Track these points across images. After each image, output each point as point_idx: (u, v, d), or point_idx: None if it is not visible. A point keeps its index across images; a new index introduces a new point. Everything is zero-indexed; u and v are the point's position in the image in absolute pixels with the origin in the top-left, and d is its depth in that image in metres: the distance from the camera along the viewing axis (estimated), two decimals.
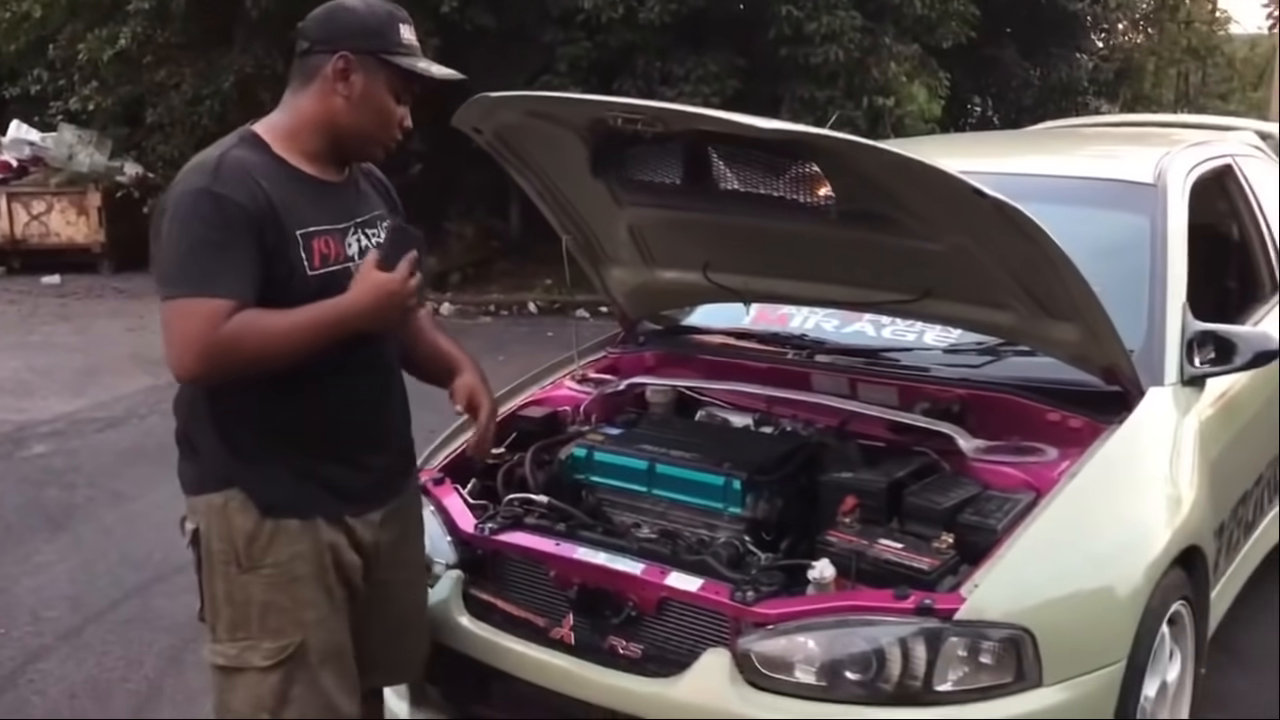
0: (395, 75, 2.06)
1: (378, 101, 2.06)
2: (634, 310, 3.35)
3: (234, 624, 2.05)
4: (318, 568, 2.06)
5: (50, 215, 11.54)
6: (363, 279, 1.99)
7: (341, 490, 2.10)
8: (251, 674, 2.04)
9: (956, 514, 2.28)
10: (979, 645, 2.05)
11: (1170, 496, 2.52)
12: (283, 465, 2.04)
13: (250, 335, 1.91)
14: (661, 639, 2.29)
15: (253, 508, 2.02)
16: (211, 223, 1.91)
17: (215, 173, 1.95)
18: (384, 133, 2.10)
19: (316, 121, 2.06)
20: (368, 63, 2.04)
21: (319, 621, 2.06)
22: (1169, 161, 3.25)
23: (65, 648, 3.59)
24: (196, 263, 1.91)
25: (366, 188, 2.22)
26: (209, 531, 2.05)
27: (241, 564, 2.03)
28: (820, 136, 2.19)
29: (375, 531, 2.17)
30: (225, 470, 2.04)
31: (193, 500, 2.09)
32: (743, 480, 2.44)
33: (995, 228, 2.24)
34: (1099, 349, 2.49)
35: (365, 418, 2.12)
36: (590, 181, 2.74)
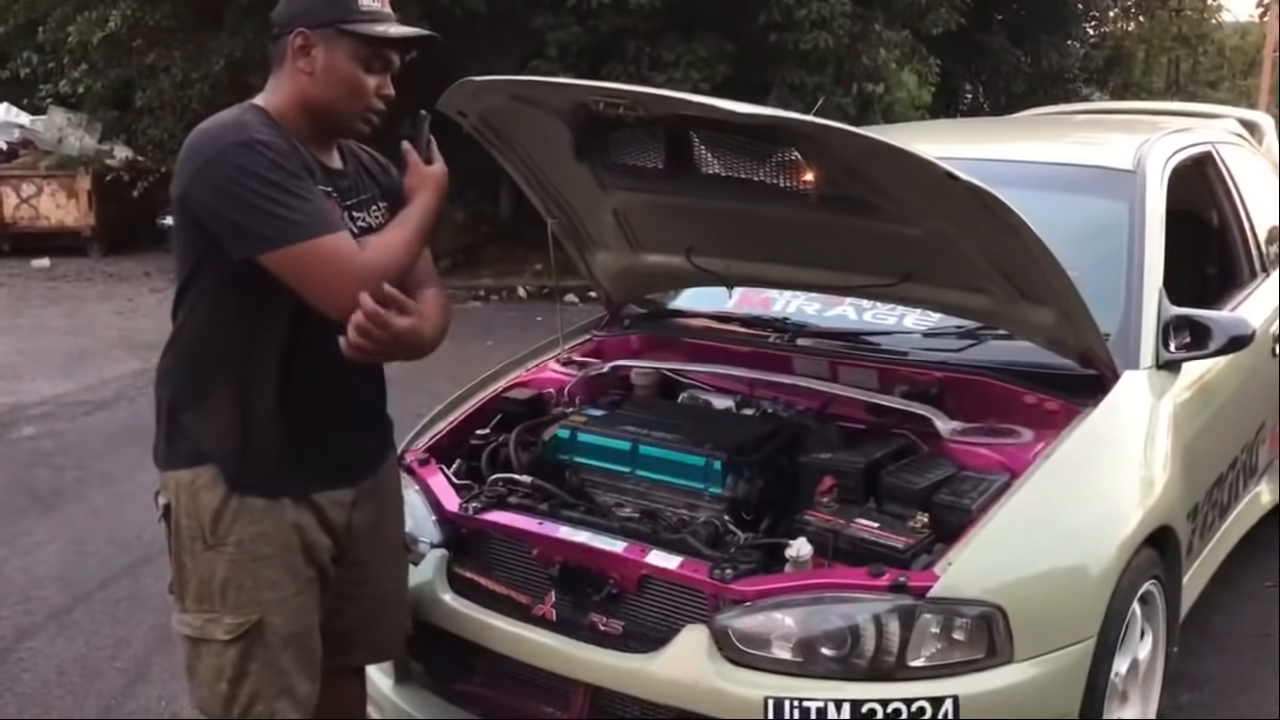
0: (358, 44, 2.04)
1: (342, 73, 2.04)
2: (619, 294, 3.38)
3: (199, 597, 2.08)
4: (282, 547, 2.07)
5: (40, 198, 11.53)
6: (426, 177, 2.13)
7: (310, 470, 2.10)
8: (214, 645, 2.07)
9: (932, 494, 2.32)
10: (952, 622, 2.10)
11: (1143, 478, 2.56)
12: (253, 443, 2.05)
13: (387, 253, 2.01)
14: (641, 616, 2.33)
15: (220, 484, 2.03)
16: (277, 166, 1.92)
17: (245, 127, 1.95)
18: (357, 104, 2.07)
19: (293, 101, 2.06)
20: (326, 35, 2.03)
21: (280, 601, 2.07)
22: (1148, 148, 3.28)
23: (55, 626, 3.63)
24: (291, 207, 1.91)
25: (358, 170, 2.22)
26: (178, 507, 2.07)
27: (207, 540, 2.05)
28: (797, 121, 2.22)
29: (347, 511, 2.17)
30: (200, 446, 2.05)
31: (164, 475, 2.11)
32: (723, 461, 2.48)
33: (971, 212, 2.27)
34: (1074, 333, 2.53)
35: (337, 397, 2.11)
36: (575, 166, 2.76)
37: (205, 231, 1.96)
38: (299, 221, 1.91)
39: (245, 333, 2.02)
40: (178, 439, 2.08)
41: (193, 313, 2.05)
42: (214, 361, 2.04)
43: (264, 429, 2.05)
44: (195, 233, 1.98)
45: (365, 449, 2.24)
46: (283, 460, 2.06)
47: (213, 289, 2.02)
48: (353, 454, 2.20)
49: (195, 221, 1.97)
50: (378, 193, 2.22)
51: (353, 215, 2.13)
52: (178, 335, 2.09)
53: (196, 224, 1.97)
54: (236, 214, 1.92)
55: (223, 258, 1.96)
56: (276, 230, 1.91)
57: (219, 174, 1.92)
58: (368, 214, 2.16)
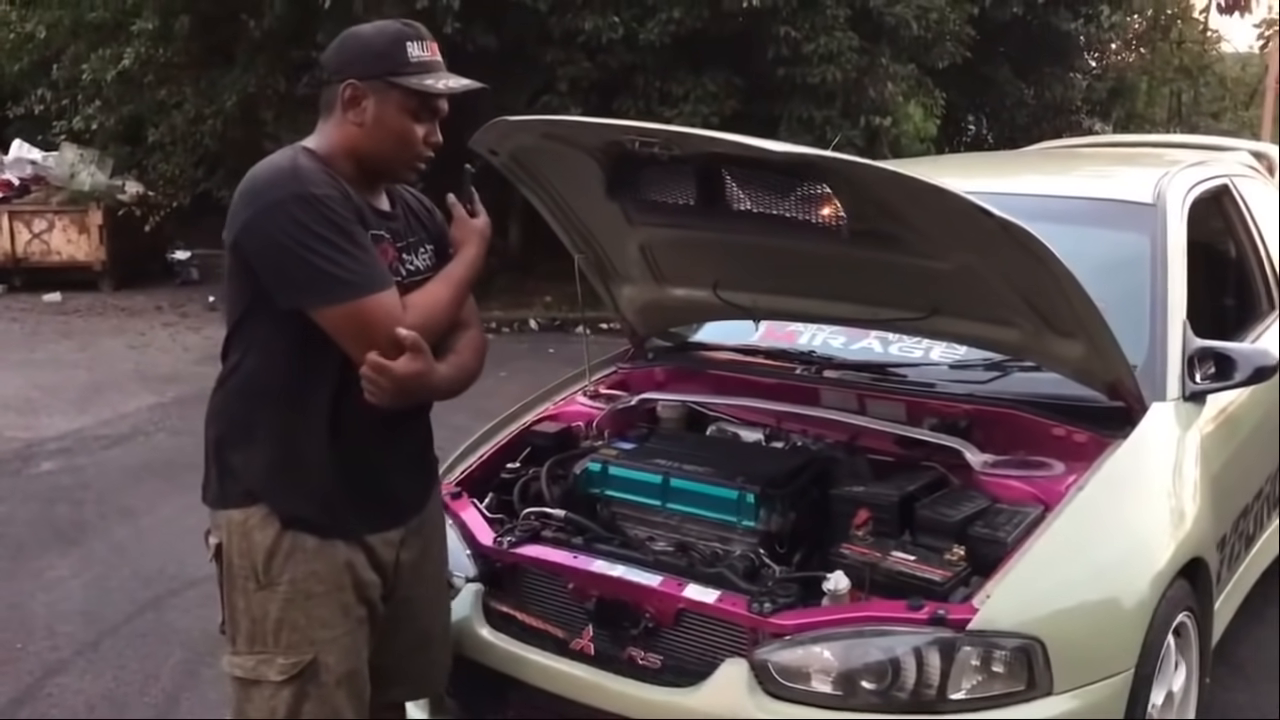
0: (408, 95, 2.07)
1: (392, 124, 2.07)
2: (643, 327, 3.41)
3: (251, 638, 2.09)
4: (334, 586, 2.09)
5: (51, 233, 11.58)
6: (471, 230, 2.23)
7: (362, 509, 2.12)
8: (266, 687, 2.07)
9: (967, 527, 2.34)
10: (991, 654, 2.11)
11: (1174, 510, 2.58)
12: (306, 483, 2.07)
13: (431, 312, 2.08)
14: (679, 650, 2.34)
15: (274, 523, 2.05)
16: (330, 221, 1.95)
17: (298, 178, 1.98)
18: (406, 154, 2.11)
19: (343, 150, 2.09)
20: (376, 87, 2.06)
21: (333, 640, 2.08)
22: (1168, 182, 3.32)
23: (82, 662, 3.63)
24: (341, 265, 1.95)
25: (406, 212, 2.25)
26: (230, 547, 2.09)
27: (259, 580, 2.06)
28: (831, 159, 2.26)
29: (395, 550, 2.19)
30: (251, 485, 2.07)
31: (216, 515, 2.13)
32: (756, 494, 2.50)
33: (1002, 247, 2.30)
34: (1103, 365, 2.55)
35: (386, 437, 2.13)
36: (603, 202, 2.80)
37: (257, 276, 1.99)
38: (346, 280, 1.95)
39: (296, 374, 2.05)
40: (228, 478, 2.10)
41: (244, 354, 2.08)
42: (265, 401, 2.06)
43: (315, 469, 2.07)
44: (248, 277, 2.01)
45: (414, 488, 2.26)
46: (334, 500, 2.08)
47: (264, 331, 2.05)
48: (402, 493, 2.22)
49: (248, 266, 2.00)
50: (424, 235, 2.26)
51: (403, 257, 2.16)
52: (229, 375, 2.11)
53: (249, 269, 2.00)
54: (287, 267, 1.95)
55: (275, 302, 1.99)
56: (325, 287, 1.95)
57: (272, 225, 1.95)
58: (416, 256, 2.20)
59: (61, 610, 4.01)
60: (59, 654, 3.68)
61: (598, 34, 9.18)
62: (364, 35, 2.11)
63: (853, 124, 9.58)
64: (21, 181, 12.05)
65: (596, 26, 9.14)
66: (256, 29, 9.82)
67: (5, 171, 12.11)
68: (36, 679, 3.53)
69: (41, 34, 11.10)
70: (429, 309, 2.08)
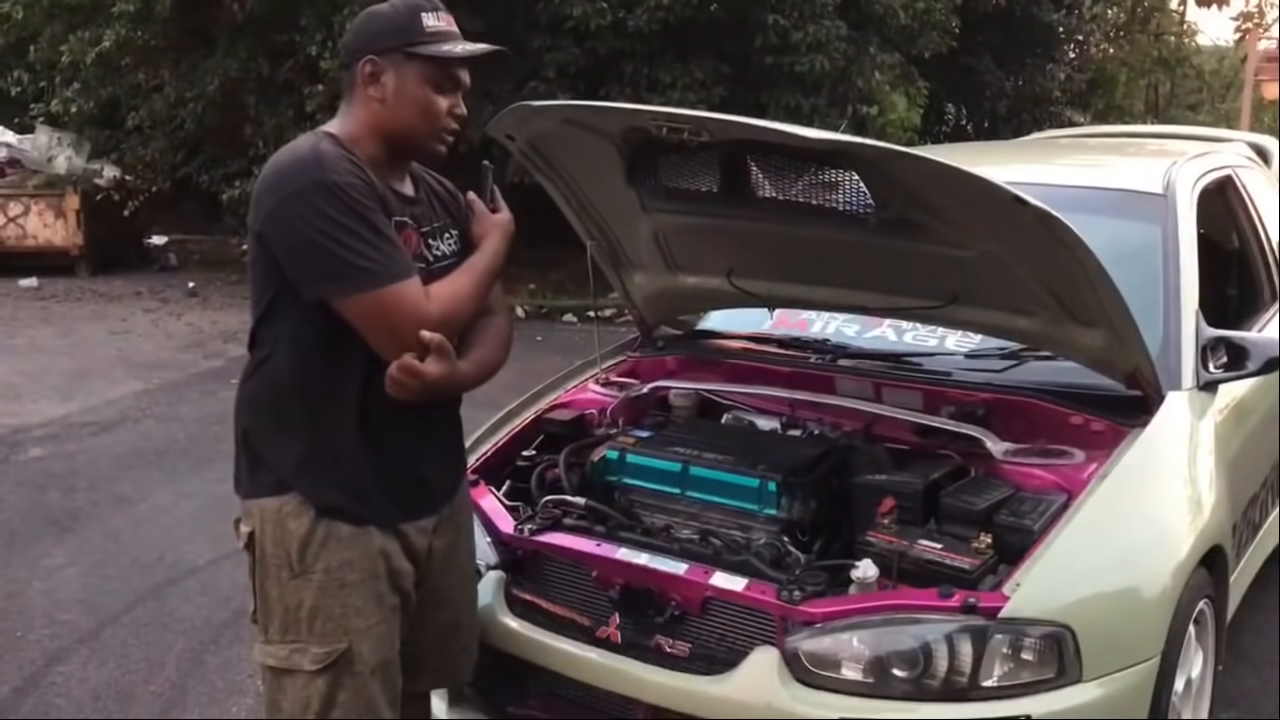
0: (426, 65, 2.05)
1: (414, 95, 2.05)
2: (653, 315, 3.40)
3: (285, 626, 2.07)
4: (368, 574, 2.07)
5: (27, 217, 11.43)
6: (493, 224, 2.21)
7: (396, 497, 2.11)
8: (300, 676, 2.05)
9: (993, 515, 2.34)
10: (1022, 642, 2.12)
11: (1193, 498, 2.60)
12: (340, 470, 2.05)
13: (454, 303, 2.05)
14: (706, 638, 2.34)
15: (308, 511, 2.03)
16: (352, 210, 1.92)
17: (321, 165, 1.95)
18: (430, 125, 2.08)
19: (367, 129, 2.07)
20: (394, 59, 2.04)
21: (367, 629, 2.07)
22: (1176, 172, 3.33)
23: (84, 650, 3.59)
24: (364, 254, 1.92)
25: (434, 202, 2.24)
26: (263, 536, 2.07)
27: (294, 569, 2.04)
28: (869, 147, 2.26)
29: (429, 538, 2.18)
30: (282, 474, 2.05)
31: (248, 504, 2.11)
32: (778, 482, 2.49)
33: (1031, 236, 2.30)
34: (1124, 354, 2.56)
35: (418, 425, 2.11)
36: (618, 188, 2.78)
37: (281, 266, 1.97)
38: (369, 270, 1.93)
39: (326, 362, 2.02)
40: (260, 468, 2.08)
41: (273, 344, 2.05)
42: (295, 390, 2.03)
43: (348, 458, 2.05)
44: (272, 266, 1.99)
45: (446, 475, 2.25)
46: (367, 488, 2.06)
47: (292, 320, 2.02)
48: (434, 481, 2.21)
49: (272, 256, 1.98)
50: (449, 220, 2.24)
51: (429, 243, 2.14)
52: (258, 366, 2.09)
53: (273, 258, 1.98)
54: (309, 257, 1.93)
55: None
56: (347, 277, 1.93)
57: (295, 215, 1.92)
58: (441, 241, 2.19)
59: (60, 598, 3.96)
60: (60, 643, 3.64)
61: (586, 20, 9.14)
62: (380, 12, 2.10)
63: (840, 113, 9.59)
64: None
65: (584, 13, 9.10)
66: (239, 12, 9.72)
67: None
68: (39, 668, 3.49)
69: (19, 15, 10.97)
70: (452, 300, 2.06)
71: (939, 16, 10.48)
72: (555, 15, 9.27)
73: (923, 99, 11.03)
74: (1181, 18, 17.62)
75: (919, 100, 10.94)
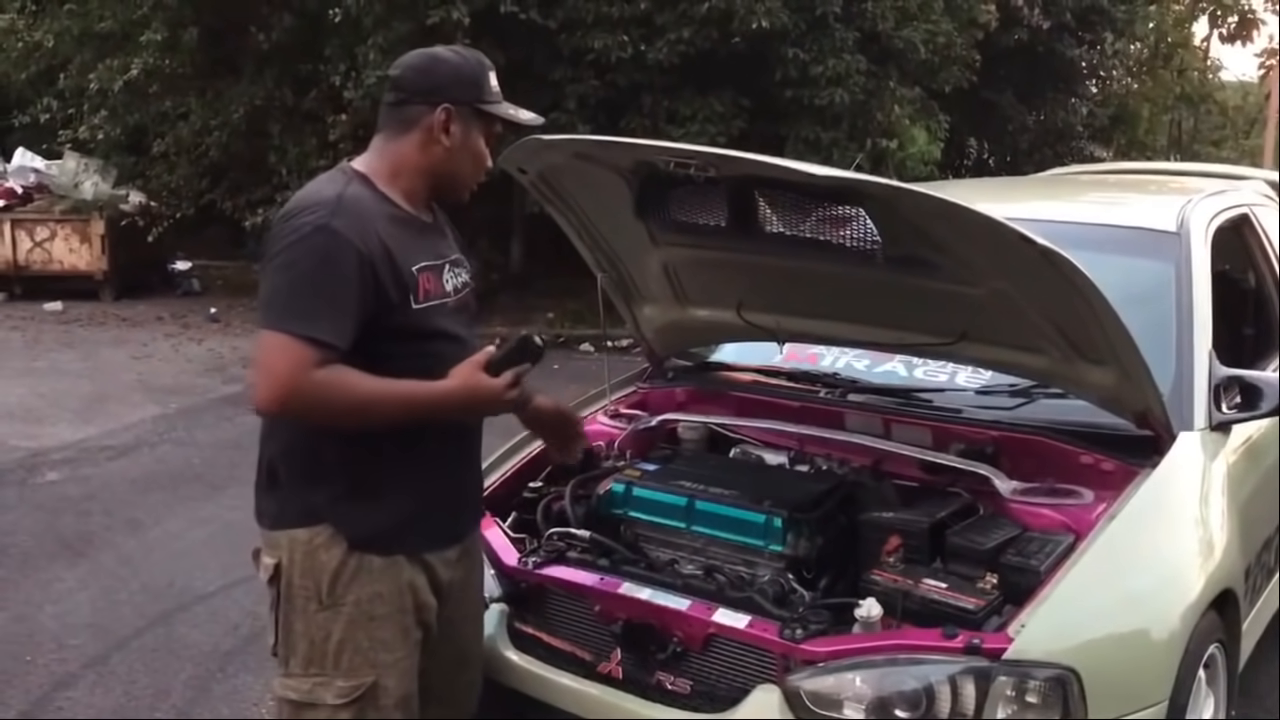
0: (490, 122, 2.17)
1: (474, 148, 2.17)
2: (663, 347, 3.40)
3: (309, 660, 2.06)
4: (397, 608, 2.07)
5: (53, 242, 11.56)
6: (466, 375, 2.03)
7: (427, 528, 2.12)
8: (322, 710, 2.04)
9: (999, 555, 2.32)
10: (1026, 684, 2.09)
11: (1204, 540, 2.57)
12: (376, 504, 2.06)
13: (337, 393, 1.94)
14: (707, 675, 2.32)
15: (340, 543, 2.03)
16: (323, 260, 1.94)
17: (334, 209, 1.98)
18: (478, 174, 2.21)
19: (419, 168, 2.13)
20: (464, 112, 2.13)
21: (394, 663, 2.07)
22: (1191, 209, 3.32)
23: (92, 675, 3.60)
24: (300, 299, 1.94)
25: (447, 228, 2.29)
26: (291, 567, 2.06)
27: (323, 601, 2.04)
28: (875, 184, 2.26)
29: (450, 569, 2.19)
30: (313, 505, 2.05)
31: (274, 535, 2.09)
32: (784, 518, 2.48)
33: (1039, 274, 2.29)
34: (1134, 393, 2.54)
35: (452, 460, 2.15)
36: (629, 221, 2.80)
37: None
38: (283, 310, 1.94)
39: None
40: (290, 497, 2.08)
41: None
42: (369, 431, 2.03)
43: (384, 489, 2.06)
44: None
45: (470, 506, 2.28)
46: (402, 519, 2.07)
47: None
48: (462, 511, 2.23)
49: None
50: (461, 255, 2.28)
51: (448, 274, 2.18)
52: None
53: None
54: (268, 280, 1.99)
55: None
56: (268, 306, 1.96)
57: (288, 241, 1.97)
58: (464, 270, 2.24)
59: (70, 623, 3.98)
60: (67, 667, 3.65)
61: (606, 53, 9.20)
62: (453, 62, 2.16)
63: (859, 146, 9.61)
64: (24, 190, 12.02)
65: (605, 45, 9.17)
66: (264, 42, 9.84)
67: (8, 179, 12.09)
68: (46, 692, 3.50)
69: (49, 43, 11.13)
70: (341, 391, 1.94)
71: (960, 51, 10.52)
72: (576, 47, 9.34)
73: (943, 133, 11.05)
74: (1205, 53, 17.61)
75: (939, 134, 10.96)
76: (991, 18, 10.89)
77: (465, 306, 2.23)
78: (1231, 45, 15.60)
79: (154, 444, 6.34)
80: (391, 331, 2.02)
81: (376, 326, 2.00)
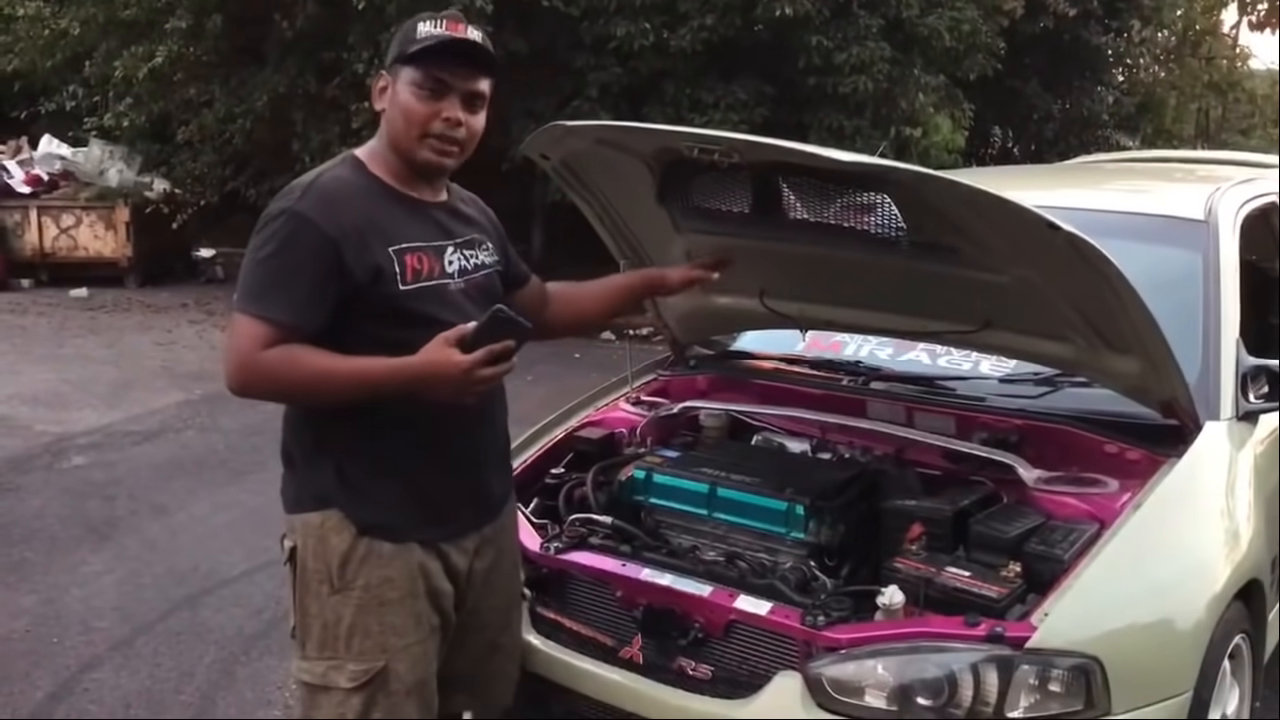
0: (414, 71, 2.03)
1: (400, 102, 2.04)
2: (685, 335, 3.39)
3: (322, 643, 2.06)
4: (408, 593, 2.06)
5: (79, 229, 11.66)
6: (432, 349, 1.93)
7: (438, 516, 2.11)
8: (336, 693, 2.05)
9: (1023, 543, 2.31)
10: (1049, 673, 2.08)
11: (1229, 530, 2.55)
12: (381, 488, 2.05)
13: (287, 369, 1.94)
14: (729, 661, 2.32)
15: (349, 527, 2.03)
16: (283, 242, 1.95)
17: (304, 193, 2.00)
18: (411, 131, 2.04)
19: (384, 142, 2.11)
20: (395, 71, 2.06)
21: (405, 648, 2.06)
22: (1219, 198, 3.28)
23: (118, 658, 3.63)
24: (256, 280, 1.96)
25: (472, 212, 2.26)
26: (304, 550, 2.07)
27: (334, 584, 2.04)
28: (902, 171, 2.24)
29: (469, 558, 2.17)
30: (324, 490, 2.06)
31: (291, 518, 2.11)
32: (805, 505, 2.48)
33: (1065, 261, 2.27)
34: (1160, 382, 2.52)
35: (466, 444, 2.12)
36: (651, 208, 2.79)
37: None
38: (243, 291, 1.97)
39: None
40: (302, 481, 2.09)
41: None
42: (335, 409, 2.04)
43: (387, 476, 2.06)
44: None
45: (488, 495, 2.23)
46: (407, 506, 2.07)
47: (327, 339, 2.01)
48: (476, 500, 2.20)
49: None
50: (485, 232, 2.25)
51: (465, 253, 2.16)
52: None
53: None
54: (241, 270, 2.02)
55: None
56: (238, 289, 1.99)
57: (258, 226, 2.01)
58: (478, 251, 2.20)
59: (96, 606, 4.01)
60: (94, 649, 3.69)
61: (629, 40, 9.20)
62: (402, 27, 2.12)
63: (883, 134, 9.57)
64: (50, 177, 12.13)
65: (628, 33, 9.16)
66: (288, 29, 9.86)
67: (35, 167, 12.19)
68: (73, 674, 3.53)
69: (75, 31, 11.19)
70: (290, 367, 1.94)
71: (985, 39, 10.44)
72: (599, 35, 9.34)
73: (968, 121, 10.99)
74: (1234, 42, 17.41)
75: (964, 122, 10.90)
76: (1017, 5, 10.82)
77: (481, 289, 2.16)
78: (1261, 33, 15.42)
79: (179, 429, 6.38)
80: (376, 312, 2.00)
81: (360, 307, 1.99)
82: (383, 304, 2.01)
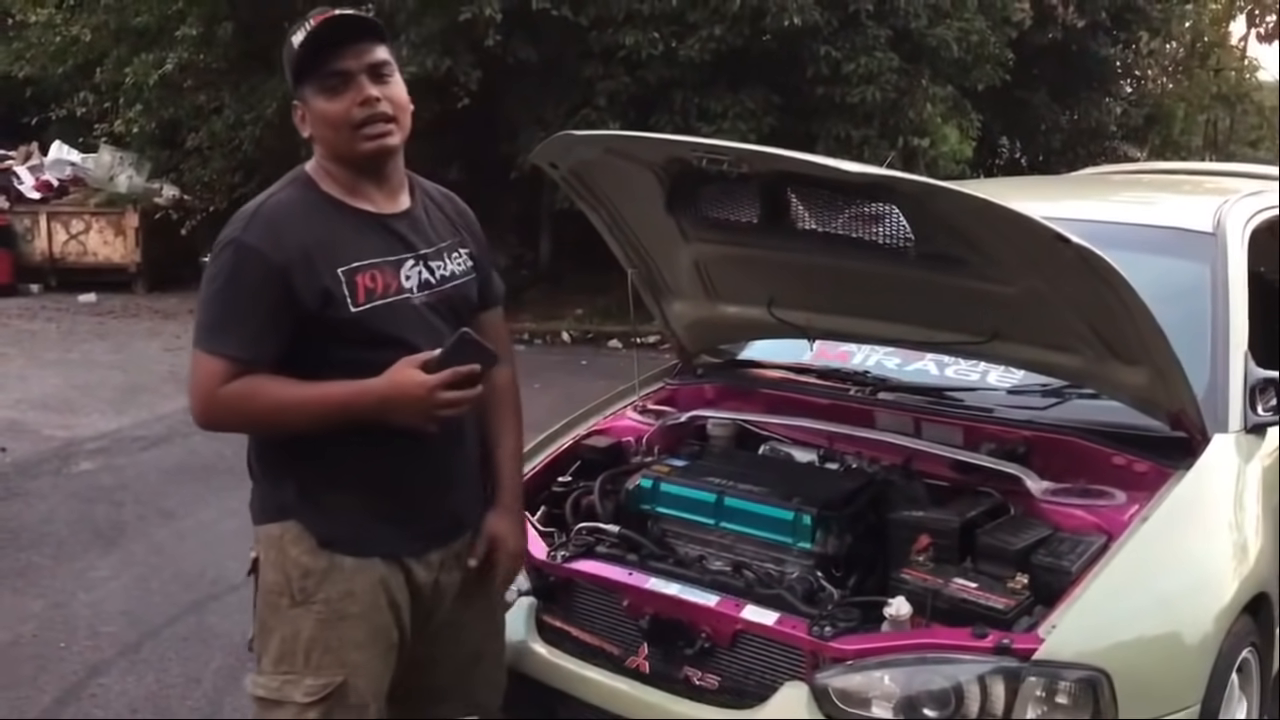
0: (312, 81, 2.01)
1: (317, 114, 2.02)
2: (693, 343, 3.39)
3: (279, 656, 2.02)
4: (370, 607, 2.03)
5: (88, 235, 11.73)
6: (395, 372, 1.94)
7: (402, 531, 2.07)
8: (290, 708, 1.99)
9: (1030, 555, 2.31)
10: (1056, 685, 2.07)
11: (1238, 543, 2.54)
12: (343, 501, 2.03)
13: (248, 403, 1.94)
14: (735, 670, 2.32)
15: (309, 540, 2.01)
16: (230, 275, 1.95)
17: (249, 221, 1.98)
18: (340, 133, 2.01)
19: (320, 162, 2.08)
20: (300, 94, 2.04)
21: (365, 663, 2.03)
22: (1228, 210, 3.28)
23: (124, 663, 3.65)
24: (209, 316, 1.97)
25: (442, 217, 2.20)
26: (266, 562, 2.05)
27: (294, 597, 2.01)
28: (908, 181, 2.25)
29: (435, 572, 2.13)
30: (284, 501, 2.04)
31: (256, 529, 2.10)
32: (813, 515, 2.47)
33: (1073, 273, 2.28)
34: (1168, 394, 2.52)
35: (434, 460, 2.08)
36: (659, 217, 2.80)
37: None
38: (198, 327, 1.97)
39: None
40: (264, 493, 2.09)
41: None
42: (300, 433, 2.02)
43: (347, 490, 2.03)
44: None
45: (454, 510, 2.18)
46: (368, 520, 2.04)
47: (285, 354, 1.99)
48: (444, 515, 2.16)
49: None
50: (456, 239, 2.19)
51: (429, 265, 2.10)
52: None
53: None
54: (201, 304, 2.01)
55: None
56: (198, 330, 1.98)
57: (207, 266, 2.02)
58: (449, 261, 2.15)
59: (103, 610, 4.03)
60: (101, 654, 3.70)
61: (638, 50, 9.21)
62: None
63: (890, 144, 9.57)
64: (60, 183, 12.20)
65: (637, 42, 9.17)
66: None
67: (45, 173, 12.26)
68: (80, 679, 3.54)
69: (86, 37, 11.26)
70: (250, 399, 1.94)
71: (993, 49, 10.45)
72: (608, 44, 9.36)
73: (975, 131, 10.99)
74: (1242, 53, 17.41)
75: (971, 133, 10.91)
76: (1025, 16, 10.82)
77: (448, 303, 2.11)
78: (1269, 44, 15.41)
79: (186, 435, 6.37)
80: (334, 336, 1.98)
81: (317, 331, 1.97)
82: (337, 327, 1.98)
